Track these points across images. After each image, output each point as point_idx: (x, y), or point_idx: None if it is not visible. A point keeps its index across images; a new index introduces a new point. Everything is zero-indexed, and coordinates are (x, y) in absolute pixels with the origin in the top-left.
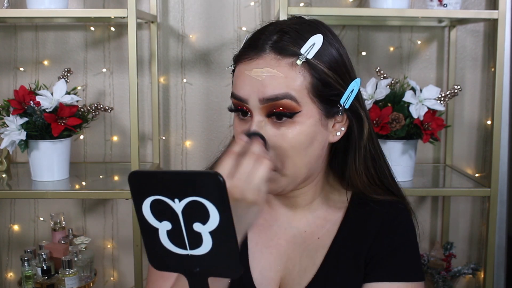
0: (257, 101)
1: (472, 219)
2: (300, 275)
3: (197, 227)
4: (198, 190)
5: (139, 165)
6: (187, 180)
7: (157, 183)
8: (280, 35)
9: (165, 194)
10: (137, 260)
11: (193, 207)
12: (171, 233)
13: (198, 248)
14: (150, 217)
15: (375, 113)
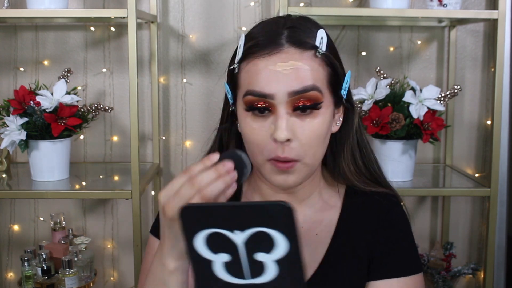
0: (286, 95)
1: (472, 219)
2: None
3: (260, 257)
4: (262, 221)
5: (139, 165)
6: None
7: (214, 216)
8: (291, 30)
9: (224, 227)
10: (137, 260)
11: (257, 237)
12: (229, 265)
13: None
14: (204, 250)
15: (375, 113)
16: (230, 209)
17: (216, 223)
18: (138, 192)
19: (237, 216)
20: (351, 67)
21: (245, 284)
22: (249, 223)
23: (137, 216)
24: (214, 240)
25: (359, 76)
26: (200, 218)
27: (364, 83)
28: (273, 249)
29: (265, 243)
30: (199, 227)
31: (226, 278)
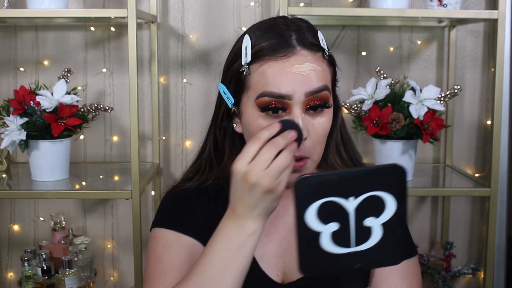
0: (302, 96)
1: (472, 219)
2: None
3: (368, 222)
4: (378, 185)
5: (139, 165)
6: (367, 176)
7: (330, 184)
8: (297, 32)
9: (338, 195)
10: (137, 260)
11: (369, 202)
12: (336, 234)
13: (364, 244)
14: (314, 222)
15: (375, 113)
16: (348, 175)
17: (331, 192)
18: (138, 192)
19: (353, 183)
20: (351, 67)
21: (349, 253)
22: (365, 188)
23: (137, 216)
24: (325, 210)
25: (359, 76)
26: (315, 188)
27: (364, 83)
28: (382, 213)
29: (375, 208)
30: (315, 198)
31: (331, 249)
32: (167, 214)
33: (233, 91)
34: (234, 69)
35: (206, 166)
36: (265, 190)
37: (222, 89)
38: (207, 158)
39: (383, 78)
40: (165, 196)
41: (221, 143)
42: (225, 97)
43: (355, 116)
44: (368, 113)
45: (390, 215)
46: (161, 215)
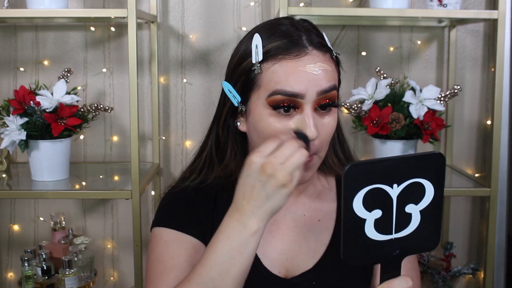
0: (314, 95)
1: (472, 219)
2: (309, 255)
3: (409, 209)
4: (420, 172)
5: (139, 165)
6: (410, 163)
7: (378, 171)
8: (307, 33)
9: (384, 181)
10: (137, 260)
11: (410, 189)
12: (379, 221)
13: (404, 230)
14: (360, 209)
15: (375, 113)
16: (394, 162)
17: (377, 179)
18: (138, 192)
19: (398, 170)
20: (351, 67)
21: (389, 240)
22: (407, 175)
23: (137, 216)
24: (371, 197)
25: (359, 76)
26: (364, 175)
27: (364, 83)
28: (421, 200)
29: (416, 194)
30: (362, 184)
31: (373, 236)
32: (167, 213)
33: (240, 90)
34: (243, 67)
35: (206, 165)
36: (280, 184)
37: (227, 88)
38: (208, 157)
39: (383, 78)
40: (164, 195)
41: (223, 141)
42: (230, 96)
43: (355, 116)
44: (368, 113)
45: (428, 202)
46: (160, 214)
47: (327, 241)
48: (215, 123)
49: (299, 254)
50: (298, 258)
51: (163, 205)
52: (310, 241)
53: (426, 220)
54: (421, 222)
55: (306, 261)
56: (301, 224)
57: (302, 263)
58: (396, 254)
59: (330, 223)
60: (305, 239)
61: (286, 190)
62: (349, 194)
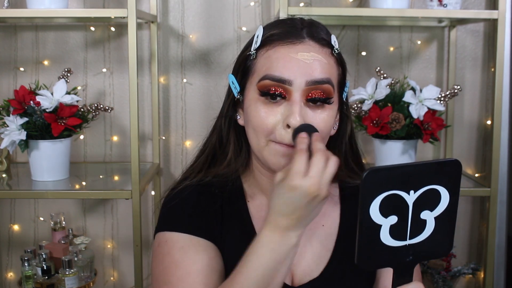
0: (303, 83)
1: (472, 219)
2: (315, 261)
3: (424, 215)
4: (436, 178)
5: (139, 165)
6: (427, 170)
7: (395, 177)
8: (309, 27)
9: (401, 188)
10: (137, 260)
11: (426, 196)
12: (394, 227)
13: (418, 236)
14: (376, 215)
15: (375, 113)
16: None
17: (395, 185)
18: (138, 192)
19: (415, 176)
20: (351, 67)
21: (403, 246)
22: (424, 181)
23: (137, 216)
24: (387, 203)
25: (359, 76)
26: (382, 181)
27: (364, 83)
28: (436, 206)
29: (431, 201)
30: (380, 190)
31: (388, 242)
32: (175, 217)
33: (239, 79)
34: (243, 56)
35: (207, 161)
36: (322, 198)
37: (231, 80)
38: (210, 152)
39: (383, 78)
40: (166, 198)
41: (225, 135)
42: (232, 87)
43: (355, 116)
44: (368, 113)
45: (443, 209)
46: (168, 218)
47: (331, 247)
48: (219, 117)
49: (305, 259)
50: (305, 264)
51: (168, 209)
52: (315, 246)
53: (440, 226)
54: (435, 228)
55: (312, 267)
56: (306, 229)
57: (309, 270)
58: (409, 260)
59: (333, 228)
60: (310, 244)
61: (324, 201)
62: (367, 200)
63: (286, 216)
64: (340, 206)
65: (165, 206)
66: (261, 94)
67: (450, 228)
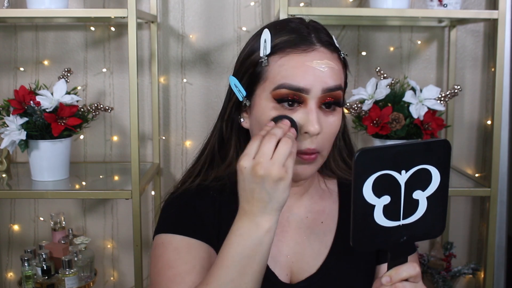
0: (320, 91)
1: (472, 219)
2: (314, 257)
3: (416, 195)
4: (426, 158)
5: (139, 165)
6: (418, 150)
7: (387, 157)
8: (316, 31)
9: (393, 168)
10: (137, 260)
11: (417, 175)
12: (388, 207)
13: (411, 217)
14: (370, 195)
15: (375, 113)
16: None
17: (386, 165)
18: (138, 192)
19: (406, 156)
20: (351, 67)
21: (397, 226)
22: (415, 161)
23: (137, 216)
24: (380, 183)
25: (359, 76)
26: (373, 161)
27: (364, 83)
28: (428, 186)
29: (423, 181)
30: (372, 170)
31: (382, 222)
32: (172, 219)
33: (246, 83)
34: (250, 61)
35: (207, 163)
36: (275, 179)
37: (233, 82)
38: (210, 154)
39: (383, 78)
40: (166, 202)
41: (227, 137)
42: (236, 90)
43: (355, 116)
44: (368, 113)
45: (434, 188)
46: (165, 221)
47: (329, 244)
48: (220, 120)
49: (303, 257)
50: (303, 261)
51: (166, 212)
52: (313, 243)
53: (433, 206)
54: (427, 208)
55: (310, 264)
56: (304, 226)
57: (307, 266)
58: (403, 241)
59: (332, 225)
60: (309, 241)
61: (285, 183)
62: (359, 180)
63: (247, 201)
64: (338, 203)
65: (164, 209)
66: (278, 102)
67: (442, 209)
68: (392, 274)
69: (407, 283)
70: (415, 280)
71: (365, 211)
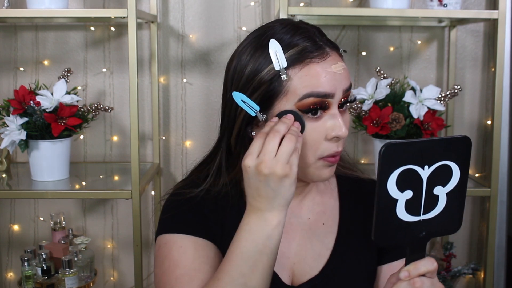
0: (341, 93)
1: (472, 219)
2: (315, 259)
3: (437, 191)
4: (448, 154)
5: (139, 165)
6: (441, 145)
7: (412, 152)
8: (321, 34)
9: (417, 163)
10: (137, 260)
11: (439, 171)
12: (409, 202)
13: (431, 212)
14: (393, 189)
15: (375, 113)
16: (426, 144)
17: (411, 159)
18: (138, 192)
19: (429, 151)
20: (351, 67)
21: (417, 221)
22: (437, 157)
23: (137, 216)
24: (404, 177)
25: (359, 76)
26: (399, 155)
27: (364, 83)
28: (448, 182)
29: (444, 177)
30: (397, 164)
31: (403, 216)
32: (176, 219)
33: (260, 99)
34: (262, 77)
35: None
36: (280, 177)
37: (240, 98)
38: (218, 166)
39: (383, 78)
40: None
41: (236, 153)
42: (244, 106)
43: (355, 116)
44: (368, 113)
45: (454, 185)
46: (168, 221)
47: (331, 245)
48: (226, 135)
49: (305, 259)
50: (305, 263)
51: (168, 212)
52: (315, 245)
53: (451, 203)
54: (446, 204)
55: (312, 266)
56: (306, 228)
57: (309, 269)
58: (422, 236)
59: (333, 226)
60: (310, 243)
61: (289, 179)
62: (385, 174)
63: (253, 198)
64: (339, 202)
65: (164, 210)
66: (304, 112)
67: (460, 205)
68: (410, 269)
69: (425, 278)
70: (432, 275)
71: (388, 205)
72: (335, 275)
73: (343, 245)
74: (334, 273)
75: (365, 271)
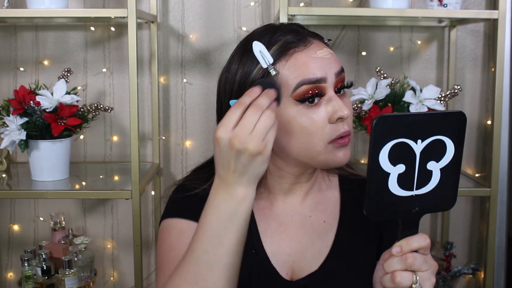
0: (333, 76)
1: (472, 219)
2: (315, 256)
3: (430, 166)
4: (443, 129)
5: (139, 165)
6: (435, 120)
7: (404, 125)
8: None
9: (409, 136)
10: (137, 260)
11: (432, 146)
12: (402, 176)
13: (424, 187)
14: (385, 162)
15: (375, 113)
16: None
17: (403, 132)
18: (138, 192)
19: (423, 125)
20: (351, 67)
21: (410, 196)
22: (431, 131)
23: (137, 216)
24: (396, 151)
25: (359, 76)
26: (391, 128)
27: (364, 83)
28: (442, 157)
29: (437, 152)
30: (389, 137)
31: (396, 191)
32: (177, 204)
33: None
34: (253, 77)
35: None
36: (253, 154)
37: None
38: None
39: (383, 78)
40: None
41: None
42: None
43: (355, 116)
44: (368, 113)
45: (448, 160)
46: (171, 207)
47: (330, 243)
48: None
49: (305, 256)
50: (304, 260)
51: (174, 199)
52: (316, 242)
53: (445, 178)
54: (440, 180)
55: (311, 263)
56: (308, 226)
57: (308, 265)
58: (415, 211)
59: (334, 224)
60: (311, 241)
61: (262, 157)
62: (377, 146)
63: (223, 169)
64: (340, 201)
65: (170, 196)
66: (302, 101)
67: (454, 182)
68: (402, 244)
69: (417, 254)
70: (425, 252)
71: (380, 178)
72: (334, 271)
73: (343, 241)
74: (333, 269)
75: (365, 268)
